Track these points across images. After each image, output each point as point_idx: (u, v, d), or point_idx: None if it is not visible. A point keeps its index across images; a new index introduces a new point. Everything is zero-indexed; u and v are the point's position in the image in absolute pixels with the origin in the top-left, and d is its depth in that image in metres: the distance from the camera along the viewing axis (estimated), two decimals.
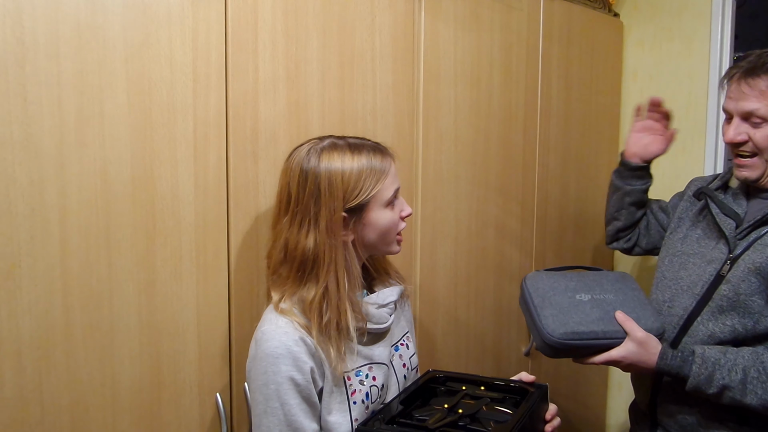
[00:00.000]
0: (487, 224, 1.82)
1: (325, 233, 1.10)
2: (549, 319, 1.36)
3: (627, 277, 1.50)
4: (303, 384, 1.07)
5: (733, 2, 2.12)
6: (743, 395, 1.25)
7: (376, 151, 1.15)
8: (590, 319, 1.36)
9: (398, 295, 1.25)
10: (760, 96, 1.30)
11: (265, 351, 1.07)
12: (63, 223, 1.04)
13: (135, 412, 1.14)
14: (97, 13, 1.06)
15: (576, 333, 1.33)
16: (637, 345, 1.32)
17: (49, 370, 1.04)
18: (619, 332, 1.34)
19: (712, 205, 1.44)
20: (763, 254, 1.31)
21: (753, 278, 1.30)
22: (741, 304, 1.31)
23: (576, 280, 1.47)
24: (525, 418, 1.09)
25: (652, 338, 1.33)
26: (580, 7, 2.09)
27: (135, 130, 1.11)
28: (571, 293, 1.42)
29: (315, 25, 1.35)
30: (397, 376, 1.24)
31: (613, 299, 1.41)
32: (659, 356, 1.32)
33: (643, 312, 1.39)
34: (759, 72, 1.31)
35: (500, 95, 1.81)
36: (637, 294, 1.44)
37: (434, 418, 1.09)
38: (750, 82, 1.32)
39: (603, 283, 1.46)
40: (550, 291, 1.42)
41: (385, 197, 1.14)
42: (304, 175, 1.11)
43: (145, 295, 1.14)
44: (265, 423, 1.07)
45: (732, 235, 1.38)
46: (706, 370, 1.27)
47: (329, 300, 1.10)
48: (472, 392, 1.20)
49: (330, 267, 1.10)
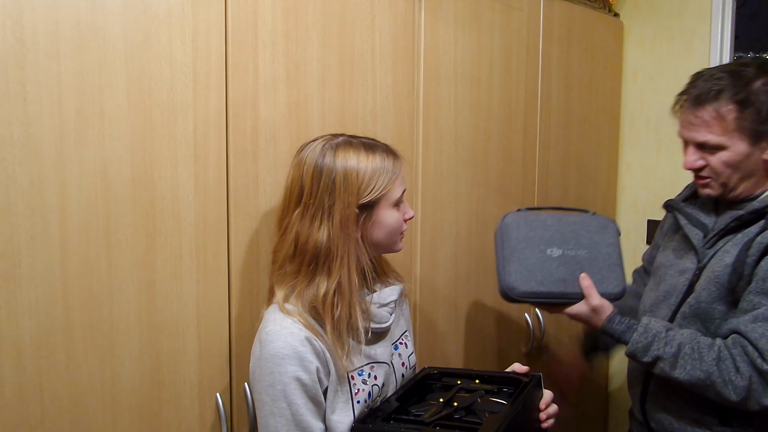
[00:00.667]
0: (487, 224, 1.82)
1: (339, 227, 1.10)
2: (512, 275, 1.42)
3: (609, 228, 1.51)
4: (309, 384, 1.07)
5: (733, 2, 2.12)
6: (672, 368, 1.28)
7: (389, 153, 1.17)
8: (553, 278, 1.41)
9: (398, 294, 1.25)
10: (708, 126, 1.30)
11: (270, 352, 1.07)
12: (63, 223, 1.04)
13: (135, 412, 1.14)
14: (97, 13, 1.06)
15: (534, 293, 1.41)
16: (591, 310, 1.39)
17: (49, 370, 1.04)
18: (578, 294, 1.41)
19: (680, 217, 1.46)
20: (722, 262, 1.31)
21: (712, 287, 1.32)
22: (703, 312, 1.33)
23: (554, 230, 1.48)
24: (519, 407, 1.10)
25: (606, 305, 1.39)
26: (580, 7, 2.09)
27: (135, 130, 1.11)
28: (543, 246, 1.45)
29: (315, 25, 1.35)
30: (396, 375, 1.25)
31: (584, 257, 1.45)
32: (607, 319, 1.38)
33: (609, 274, 1.44)
34: (704, 102, 1.30)
35: (500, 95, 1.81)
36: (611, 251, 1.47)
37: (430, 413, 1.10)
38: (696, 112, 1.32)
39: (581, 234, 1.48)
40: (524, 242, 1.45)
41: (394, 197, 1.16)
42: (319, 169, 1.12)
43: (145, 295, 1.14)
44: (272, 424, 1.07)
45: (700, 246, 1.39)
46: (645, 339, 1.32)
47: (342, 295, 1.10)
48: (467, 386, 1.21)
49: (343, 261, 1.11)
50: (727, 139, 1.29)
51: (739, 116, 1.28)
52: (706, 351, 1.26)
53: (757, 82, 1.29)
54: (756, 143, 1.29)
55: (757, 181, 1.34)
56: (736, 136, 1.29)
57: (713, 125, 1.30)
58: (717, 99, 1.29)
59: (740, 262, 1.27)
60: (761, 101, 1.28)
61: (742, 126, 1.28)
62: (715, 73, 1.33)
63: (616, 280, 1.44)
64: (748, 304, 1.26)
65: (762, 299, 1.24)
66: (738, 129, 1.29)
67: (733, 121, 1.28)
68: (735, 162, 1.31)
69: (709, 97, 1.30)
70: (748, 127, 1.28)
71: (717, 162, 1.32)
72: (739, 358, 1.23)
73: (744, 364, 1.22)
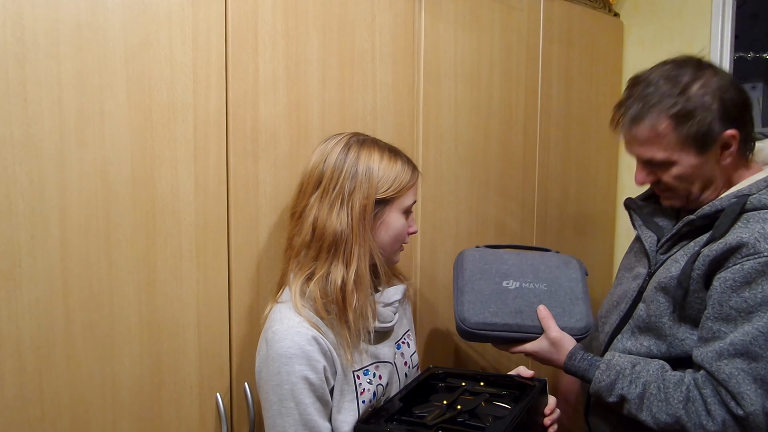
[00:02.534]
0: (487, 224, 1.82)
1: (359, 216, 1.12)
2: (465, 306, 1.34)
3: (572, 264, 1.42)
4: (317, 383, 1.07)
5: (733, 2, 2.12)
6: (639, 410, 1.18)
7: (410, 163, 1.21)
8: (508, 310, 1.33)
9: (402, 294, 1.26)
10: (647, 144, 1.20)
11: (277, 351, 1.07)
12: (63, 223, 1.04)
13: (135, 412, 1.14)
14: (97, 13, 1.06)
15: (488, 324, 1.32)
16: (550, 344, 1.30)
17: (49, 370, 1.04)
18: (536, 327, 1.31)
19: (635, 218, 1.37)
20: (668, 272, 1.21)
21: (661, 298, 1.22)
22: (653, 326, 1.23)
23: (511, 263, 1.40)
24: (523, 413, 1.10)
25: (566, 339, 1.29)
26: (580, 7, 2.09)
27: (135, 130, 1.11)
28: (499, 278, 1.37)
29: (315, 25, 1.35)
30: (399, 374, 1.25)
31: (543, 290, 1.35)
32: (567, 356, 1.28)
33: (572, 307, 1.34)
34: (639, 120, 1.20)
35: (500, 95, 1.81)
36: (574, 285, 1.37)
37: (433, 415, 1.09)
38: (632, 131, 1.22)
39: (540, 269, 1.39)
40: (478, 274, 1.38)
41: (405, 204, 1.19)
42: (343, 158, 1.15)
43: (145, 295, 1.14)
44: (280, 423, 1.07)
45: (653, 250, 1.29)
46: (609, 378, 1.21)
47: (359, 283, 1.12)
48: (472, 388, 1.21)
49: (362, 249, 1.13)
50: (672, 154, 1.19)
51: (678, 130, 1.17)
52: (672, 390, 1.14)
53: (693, 86, 1.18)
54: (705, 152, 1.18)
55: (718, 185, 1.23)
56: (681, 149, 1.18)
57: (653, 143, 1.20)
58: (651, 115, 1.18)
59: (685, 276, 1.17)
60: (701, 107, 1.16)
61: (684, 139, 1.17)
62: (650, 80, 1.21)
63: (579, 314, 1.33)
64: (708, 332, 1.14)
65: (722, 326, 1.12)
66: (680, 143, 1.18)
67: (673, 136, 1.18)
68: (688, 175, 1.20)
69: (642, 113, 1.19)
70: (691, 139, 1.17)
71: (669, 178, 1.22)
72: (711, 399, 1.11)
73: (716, 406, 1.10)
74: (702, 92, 1.17)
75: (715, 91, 1.18)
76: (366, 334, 1.14)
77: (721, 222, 1.16)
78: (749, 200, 1.16)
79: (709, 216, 1.19)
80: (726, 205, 1.17)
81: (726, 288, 1.12)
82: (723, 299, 1.12)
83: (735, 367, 1.09)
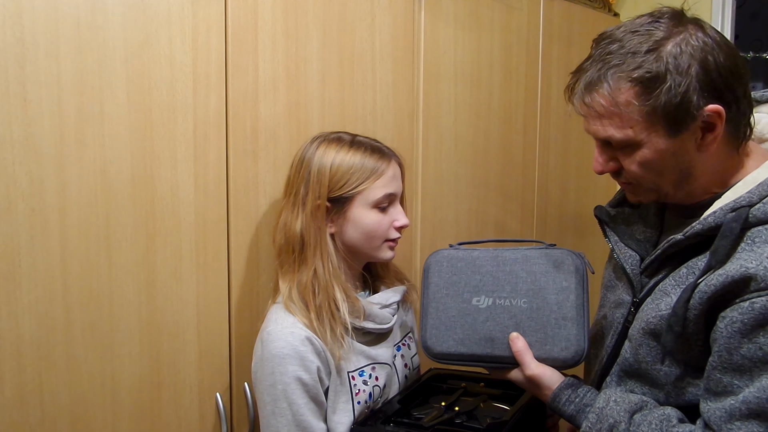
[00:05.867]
0: (487, 224, 1.82)
1: (311, 218, 1.13)
2: (428, 331, 1.11)
3: (565, 266, 1.07)
4: (310, 384, 1.07)
5: (733, 2, 2.12)
6: None
7: (375, 151, 1.15)
8: (477, 337, 1.07)
9: (401, 295, 1.26)
10: (605, 118, 0.92)
11: (271, 352, 1.07)
12: (63, 223, 1.04)
13: (135, 412, 1.14)
14: (97, 13, 1.06)
15: (453, 354, 1.09)
16: (527, 381, 1.04)
17: (49, 370, 1.04)
18: (510, 358, 1.05)
19: (609, 233, 1.10)
20: (657, 309, 0.95)
21: (651, 341, 0.97)
22: (644, 373, 0.99)
23: (485, 272, 1.10)
24: (520, 414, 1.09)
25: (546, 376, 1.02)
26: (580, 7, 2.09)
27: (135, 130, 1.11)
28: (468, 294, 1.10)
29: (315, 25, 1.35)
30: (398, 376, 1.25)
31: (521, 308, 1.06)
32: (551, 398, 1.02)
33: (556, 331, 1.04)
34: (595, 86, 0.91)
35: (500, 95, 1.81)
36: (563, 299, 1.05)
37: (430, 417, 1.09)
38: (585, 100, 0.93)
39: (521, 277, 1.07)
40: (444, 289, 1.12)
41: (371, 197, 1.14)
42: (301, 161, 1.16)
43: (145, 295, 1.14)
44: (273, 424, 1.07)
45: (636, 273, 1.03)
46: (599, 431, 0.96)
47: (318, 282, 1.12)
48: (471, 389, 1.21)
49: (316, 251, 1.13)
50: (635, 133, 0.90)
51: (642, 99, 0.88)
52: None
53: (668, 43, 0.88)
54: (678, 133, 0.89)
55: (703, 181, 0.95)
56: (648, 128, 0.90)
57: (612, 116, 0.91)
58: (609, 79, 0.90)
59: (677, 318, 0.90)
60: (675, 70, 0.86)
61: (651, 113, 0.88)
62: (616, 35, 0.93)
63: (565, 340, 1.03)
64: (716, 385, 0.89)
65: (733, 379, 0.87)
66: (647, 118, 0.89)
67: (638, 108, 0.89)
68: (656, 161, 0.92)
69: (599, 77, 0.90)
70: (660, 112, 0.88)
71: (632, 166, 0.94)
72: None
73: None
74: (677, 51, 0.87)
75: (696, 51, 0.87)
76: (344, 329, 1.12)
77: (719, 246, 0.89)
78: (751, 213, 0.89)
79: (701, 235, 0.92)
80: (722, 222, 0.90)
81: (734, 332, 0.87)
82: (732, 346, 0.87)
83: (750, 431, 0.86)
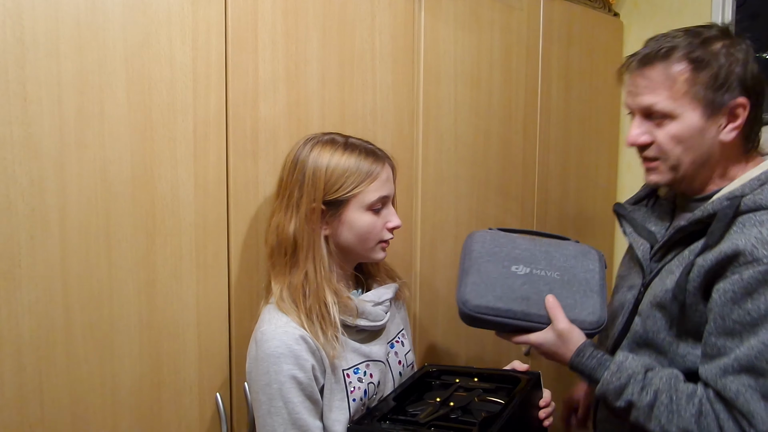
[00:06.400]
0: (487, 224, 1.81)
1: (304, 221, 1.13)
2: (468, 287, 1.23)
3: (590, 255, 1.31)
4: (306, 382, 1.07)
5: (733, 2, 2.12)
6: (647, 419, 1.09)
7: (369, 154, 1.16)
8: (514, 296, 1.21)
9: (394, 293, 1.26)
10: (655, 89, 1.12)
11: (266, 351, 1.07)
12: (63, 223, 1.04)
13: (135, 412, 1.14)
14: (97, 13, 1.06)
15: (490, 308, 1.20)
16: (557, 336, 1.18)
17: (49, 370, 1.04)
18: (543, 317, 1.20)
19: (625, 225, 1.28)
20: (663, 285, 1.14)
21: (657, 313, 1.15)
22: (651, 342, 1.16)
23: (523, 248, 1.30)
24: (515, 407, 1.10)
25: (575, 332, 1.17)
26: (580, 7, 2.09)
27: (135, 130, 1.11)
28: (508, 262, 1.26)
29: (315, 25, 1.35)
30: (392, 373, 1.25)
31: (554, 278, 1.24)
32: (575, 352, 1.16)
33: (584, 300, 1.22)
34: (652, 60, 1.12)
35: (500, 95, 1.81)
36: (590, 277, 1.26)
37: (426, 413, 1.10)
38: (643, 72, 1.13)
39: (554, 257, 1.29)
40: (486, 256, 1.27)
41: (366, 200, 1.15)
42: (295, 163, 1.15)
43: (145, 295, 1.14)
44: (269, 423, 1.07)
45: (646, 259, 1.21)
46: (618, 381, 1.11)
47: (309, 285, 1.12)
48: (465, 384, 1.21)
49: (308, 254, 1.13)
50: (678, 106, 1.10)
51: (692, 78, 1.09)
52: (684, 402, 1.07)
53: (717, 43, 1.11)
54: (711, 115, 1.10)
55: (712, 168, 1.15)
56: (688, 103, 1.10)
57: (661, 88, 1.11)
58: (668, 57, 1.11)
59: (680, 289, 1.10)
60: (720, 64, 1.09)
61: (695, 91, 1.10)
62: (671, 32, 1.15)
63: (591, 307, 1.21)
64: (712, 348, 1.07)
65: (726, 342, 1.05)
66: (690, 94, 1.10)
67: (685, 83, 1.10)
68: (686, 137, 1.11)
69: (659, 55, 1.11)
70: (702, 93, 1.09)
71: (665, 137, 1.13)
72: (723, 416, 1.04)
73: (729, 423, 1.03)
74: (725, 51, 1.10)
75: (739, 53, 1.11)
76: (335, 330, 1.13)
77: (714, 228, 1.08)
78: (743, 202, 1.08)
79: (701, 221, 1.11)
80: (718, 209, 1.09)
81: (726, 300, 1.05)
82: (724, 312, 1.05)
83: (742, 384, 1.02)
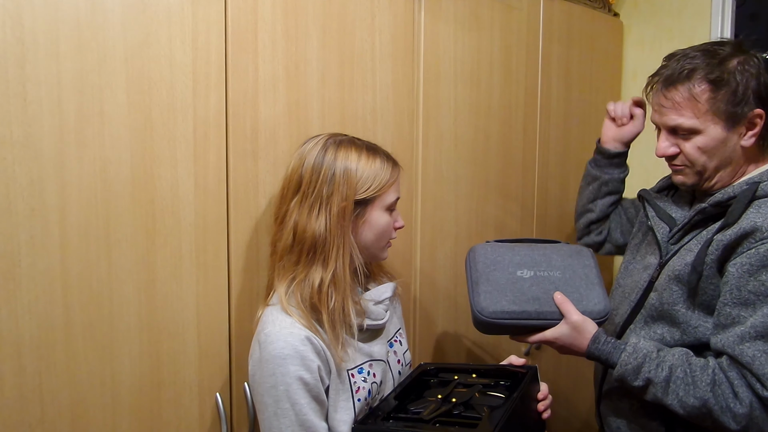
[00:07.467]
0: (487, 224, 1.82)
1: (336, 218, 1.12)
2: (482, 296, 1.31)
3: (583, 252, 1.43)
4: (312, 383, 1.07)
5: (733, 2, 2.12)
6: (665, 394, 1.17)
7: (389, 159, 1.21)
8: (525, 297, 1.31)
9: (392, 291, 1.27)
10: (680, 109, 1.23)
11: (271, 353, 1.07)
12: (63, 223, 1.04)
13: (135, 412, 1.14)
14: (97, 13, 1.06)
15: (507, 312, 1.29)
16: (571, 328, 1.27)
17: (49, 370, 1.04)
18: (555, 313, 1.29)
19: (648, 209, 1.39)
20: (683, 260, 1.24)
21: (674, 286, 1.25)
22: (666, 314, 1.26)
23: (523, 254, 1.40)
24: (517, 401, 1.11)
25: (588, 322, 1.27)
26: (580, 7, 2.09)
27: (135, 130, 1.11)
28: (513, 269, 1.36)
29: (315, 25, 1.35)
30: (392, 372, 1.25)
31: (557, 277, 1.35)
32: (591, 340, 1.26)
33: (588, 292, 1.33)
34: (675, 82, 1.24)
35: (500, 95, 1.81)
36: (588, 272, 1.37)
37: (429, 410, 1.10)
38: (667, 94, 1.25)
39: (552, 258, 1.39)
40: (492, 266, 1.37)
41: (387, 201, 1.19)
42: (320, 162, 1.15)
43: (145, 295, 1.14)
44: (276, 425, 1.07)
45: (664, 240, 1.32)
46: (635, 361, 1.21)
47: (336, 286, 1.12)
48: (464, 381, 1.21)
49: (339, 252, 1.13)
50: (701, 123, 1.22)
51: (713, 97, 1.21)
52: (699, 374, 1.15)
53: (732, 61, 1.22)
54: (732, 127, 1.22)
55: (734, 170, 1.27)
56: (711, 119, 1.22)
57: (685, 107, 1.23)
58: (689, 79, 1.22)
59: (699, 261, 1.20)
60: (737, 81, 1.21)
61: (716, 108, 1.21)
62: (688, 52, 1.26)
63: (596, 298, 1.32)
64: (726, 318, 1.16)
65: (741, 311, 1.14)
66: (712, 111, 1.22)
67: (707, 102, 1.21)
68: (710, 148, 1.24)
69: (681, 77, 1.23)
70: (723, 108, 1.21)
71: (691, 148, 1.25)
72: (737, 382, 1.12)
73: (743, 389, 1.11)
74: (741, 68, 1.21)
75: (753, 68, 1.22)
76: (350, 331, 1.14)
77: (734, 208, 1.19)
78: (761, 187, 1.20)
79: (722, 204, 1.22)
80: (738, 192, 1.21)
81: (743, 273, 1.14)
82: (740, 284, 1.14)
83: (758, 349, 1.10)
